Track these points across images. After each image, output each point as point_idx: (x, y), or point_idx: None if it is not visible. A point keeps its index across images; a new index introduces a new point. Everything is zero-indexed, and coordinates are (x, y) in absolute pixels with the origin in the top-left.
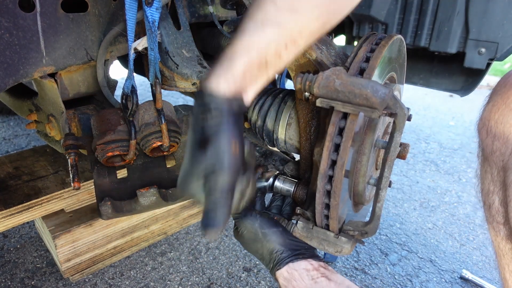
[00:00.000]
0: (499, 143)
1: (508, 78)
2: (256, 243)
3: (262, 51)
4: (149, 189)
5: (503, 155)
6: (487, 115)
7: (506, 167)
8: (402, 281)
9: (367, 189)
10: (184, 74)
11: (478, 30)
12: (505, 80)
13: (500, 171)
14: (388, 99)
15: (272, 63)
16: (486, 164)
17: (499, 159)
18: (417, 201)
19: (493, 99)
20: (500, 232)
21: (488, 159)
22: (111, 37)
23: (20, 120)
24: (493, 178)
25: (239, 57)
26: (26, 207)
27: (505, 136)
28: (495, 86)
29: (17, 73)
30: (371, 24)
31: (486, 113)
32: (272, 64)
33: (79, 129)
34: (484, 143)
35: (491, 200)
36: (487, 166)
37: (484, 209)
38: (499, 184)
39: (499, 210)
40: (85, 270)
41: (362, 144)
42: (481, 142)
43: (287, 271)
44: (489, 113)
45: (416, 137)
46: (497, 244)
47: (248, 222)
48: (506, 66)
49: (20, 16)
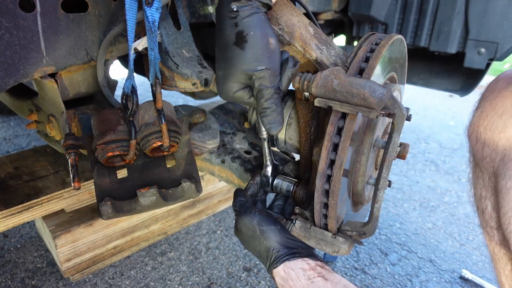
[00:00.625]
0: (488, 149)
1: (497, 84)
2: (254, 240)
3: None
4: (149, 189)
5: (493, 161)
6: (476, 121)
7: (496, 173)
8: (402, 281)
9: (366, 189)
10: (184, 74)
11: (478, 30)
12: (493, 86)
13: (491, 176)
14: (385, 99)
15: None
16: (477, 170)
17: (490, 165)
18: (417, 201)
19: (481, 105)
20: (494, 237)
21: (479, 164)
22: (111, 37)
23: (20, 120)
24: (485, 184)
25: None
26: (27, 207)
27: (495, 143)
28: (484, 92)
29: (17, 73)
30: (371, 24)
31: (475, 119)
32: None
33: (79, 129)
34: (474, 149)
35: (484, 206)
36: (479, 172)
37: (478, 214)
38: (490, 189)
39: (492, 215)
40: (85, 270)
41: (361, 144)
42: (471, 148)
43: (284, 270)
44: (478, 119)
45: (416, 137)
46: (492, 248)
47: (246, 219)
48: (506, 66)
49: (20, 16)
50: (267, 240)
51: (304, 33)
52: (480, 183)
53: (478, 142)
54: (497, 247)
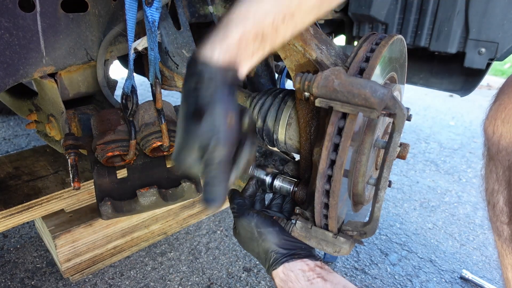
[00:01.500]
0: (505, 142)
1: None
2: (252, 242)
3: (259, 21)
4: (149, 189)
5: (509, 154)
6: (494, 114)
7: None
8: (402, 281)
9: (366, 189)
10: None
11: (478, 30)
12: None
13: (505, 170)
14: (387, 99)
15: (269, 36)
16: (491, 164)
17: (505, 159)
18: (417, 201)
19: (500, 98)
20: (503, 232)
21: (494, 158)
22: (111, 37)
23: (20, 120)
24: (498, 178)
25: (235, 26)
26: (26, 207)
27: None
28: (502, 86)
29: (17, 73)
30: (371, 24)
31: (492, 112)
32: (269, 37)
33: (79, 129)
34: (490, 142)
35: (495, 200)
36: (492, 166)
37: (488, 209)
38: (504, 183)
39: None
40: (85, 270)
41: (362, 144)
42: (486, 141)
43: (283, 272)
44: (496, 112)
45: (416, 137)
46: (500, 244)
47: (244, 221)
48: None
49: (20, 16)
50: (265, 242)
51: (304, 33)
52: (493, 177)
53: (495, 134)
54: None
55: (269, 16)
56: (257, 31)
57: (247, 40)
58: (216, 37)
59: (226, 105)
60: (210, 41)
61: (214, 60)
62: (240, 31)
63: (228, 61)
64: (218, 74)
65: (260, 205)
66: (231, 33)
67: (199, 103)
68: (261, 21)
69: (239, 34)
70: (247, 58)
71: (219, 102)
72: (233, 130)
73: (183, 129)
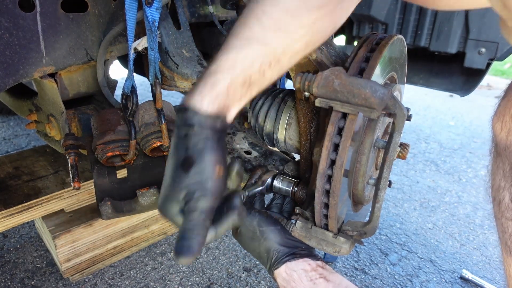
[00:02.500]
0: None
1: None
2: (254, 241)
3: (247, 69)
4: (149, 189)
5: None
6: (502, 110)
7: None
8: (402, 281)
9: (366, 189)
10: (184, 74)
11: (478, 30)
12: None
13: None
14: (387, 99)
15: (256, 81)
16: (498, 160)
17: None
18: (417, 201)
19: (508, 94)
20: (508, 228)
21: (501, 154)
22: (111, 37)
23: (20, 120)
24: (505, 174)
25: (223, 75)
26: (26, 207)
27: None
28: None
29: (17, 73)
30: (371, 24)
31: (501, 108)
32: (256, 83)
33: (79, 129)
34: (498, 138)
35: (501, 196)
36: (500, 162)
37: (494, 205)
38: (510, 179)
39: (508, 206)
40: (85, 270)
41: (362, 144)
42: (494, 137)
43: (286, 271)
44: (504, 108)
45: (416, 137)
46: (504, 241)
47: (246, 219)
48: (506, 66)
49: (20, 16)
50: (267, 241)
51: None
52: (500, 174)
53: (503, 130)
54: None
55: (256, 63)
56: (244, 77)
57: (235, 87)
58: (205, 86)
59: (215, 157)
60: (199, 89)
61: (204, 108)
62: (228, 78)
63: (217, 109)
64: (208, 122)
65: (260, 206)
66: (219, 81)
67: (189, 152)
68: (248, 68)
69: (227, 82)
70: (235, 102)
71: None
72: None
73: (171, 177)
